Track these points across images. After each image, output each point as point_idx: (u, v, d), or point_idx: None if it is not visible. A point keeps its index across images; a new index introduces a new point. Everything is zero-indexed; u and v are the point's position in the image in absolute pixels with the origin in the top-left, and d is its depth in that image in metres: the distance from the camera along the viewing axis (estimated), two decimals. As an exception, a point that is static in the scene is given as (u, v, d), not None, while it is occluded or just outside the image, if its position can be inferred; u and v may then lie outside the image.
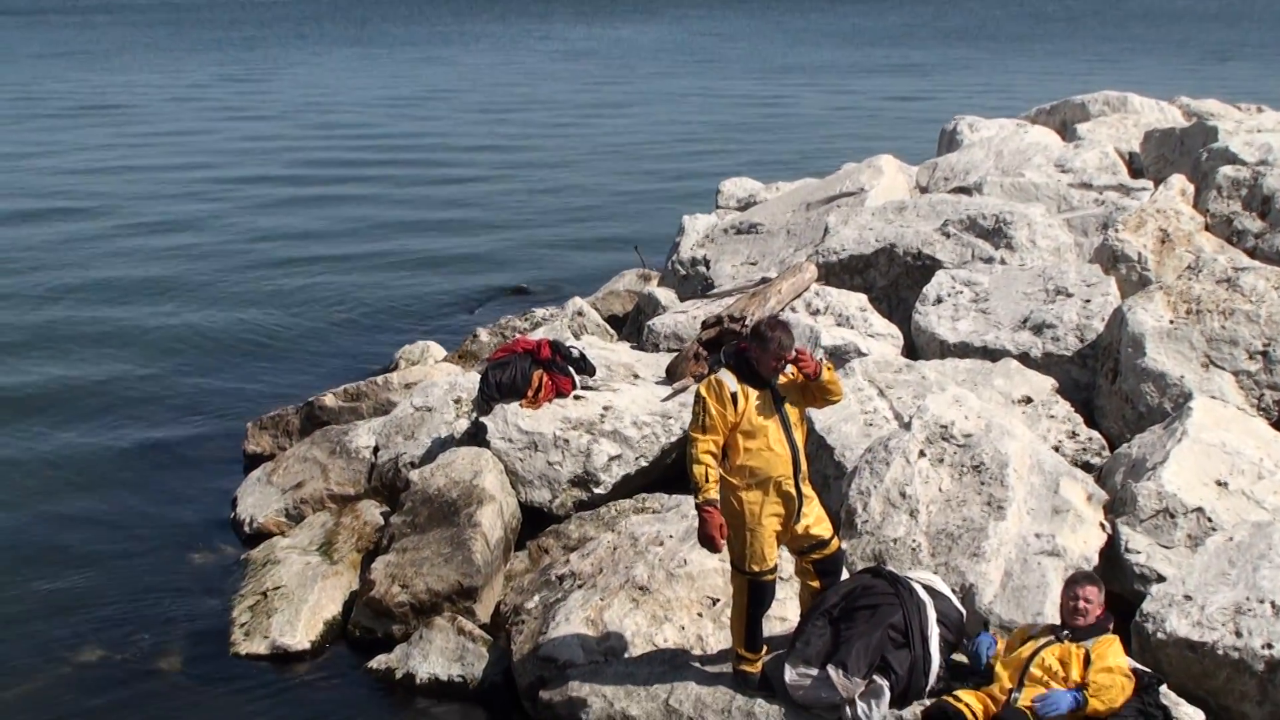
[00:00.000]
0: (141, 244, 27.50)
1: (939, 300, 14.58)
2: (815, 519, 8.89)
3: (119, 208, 31.49)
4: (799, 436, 8.74)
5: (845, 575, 9.38)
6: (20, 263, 25.25)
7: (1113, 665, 8.20)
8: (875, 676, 8.64)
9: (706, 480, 8.47)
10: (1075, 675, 8.17)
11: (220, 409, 17.67)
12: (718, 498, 8.53)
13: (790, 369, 8.67)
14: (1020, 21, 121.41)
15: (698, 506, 8.54)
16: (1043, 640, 8.42)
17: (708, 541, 8.55)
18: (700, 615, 10.02)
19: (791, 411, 8.73)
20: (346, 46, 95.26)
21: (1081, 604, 8.18)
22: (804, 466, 8.76)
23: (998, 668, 8.52)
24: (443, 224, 30.24)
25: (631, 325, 18.23)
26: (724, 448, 8.62)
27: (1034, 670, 8.26)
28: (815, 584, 9.09)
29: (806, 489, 8.82)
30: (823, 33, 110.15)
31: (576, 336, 16.45)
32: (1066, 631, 8.40)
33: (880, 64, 78.92)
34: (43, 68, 76.80)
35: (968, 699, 8.31)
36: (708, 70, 74.84)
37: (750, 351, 8.64)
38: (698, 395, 8.64)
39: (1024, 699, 8.14)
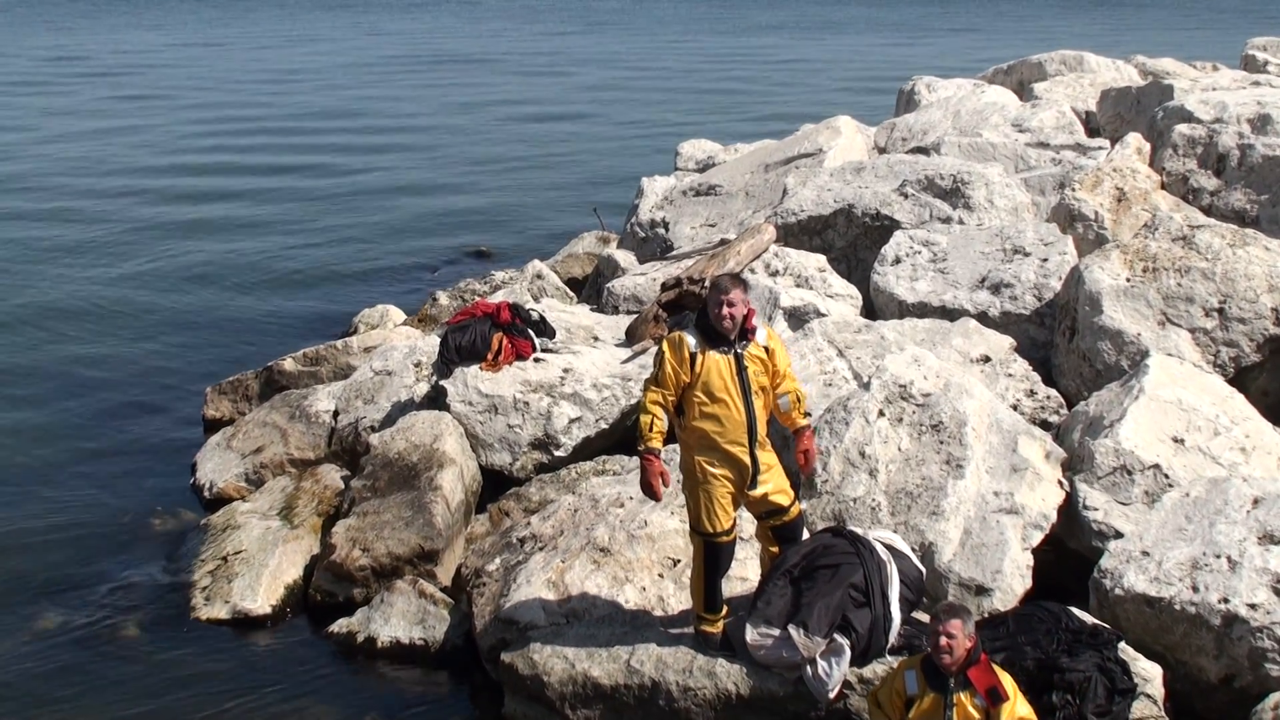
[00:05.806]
0: (93, 210, 27.19)
1: (897, 260, 14.61)
2: (775, 487, 8.88)
3: (66, 176, 31.10)
4: (759, 404, 8.70)
5: (805, 535, 9.41)
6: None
7: None
8: (836, 635, 8.68)
9: (650, 430, 8.58)
10: None
11: (179, 374, 17.55)
12: (660, 447, 8.62)
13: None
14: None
15: (639, 454, 8.66)
16: (933, 700, 7.85)
17: (647, 489, 8.67)
18: (661, 576, 10.04)
19: (757, 380, 8.71)
20: (309, 7, 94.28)
21: (944, 640, 7.69)
22: (761, 433, 8.72)
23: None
24: (400, 188, 30.05)
25: (591, 288, 18.20)
26: (683, 408, 8.65)
27: None
28: (774, 550, 9.12)
29: (765, 456, 8.80)
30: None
31: (536, 299, 16.42)
32: (952, 683, 7.76)
33: (837, 23, 78.86)
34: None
35: None
36: (664, 30, 74.58)
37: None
38: (658, 349, 8.72)
39: None
